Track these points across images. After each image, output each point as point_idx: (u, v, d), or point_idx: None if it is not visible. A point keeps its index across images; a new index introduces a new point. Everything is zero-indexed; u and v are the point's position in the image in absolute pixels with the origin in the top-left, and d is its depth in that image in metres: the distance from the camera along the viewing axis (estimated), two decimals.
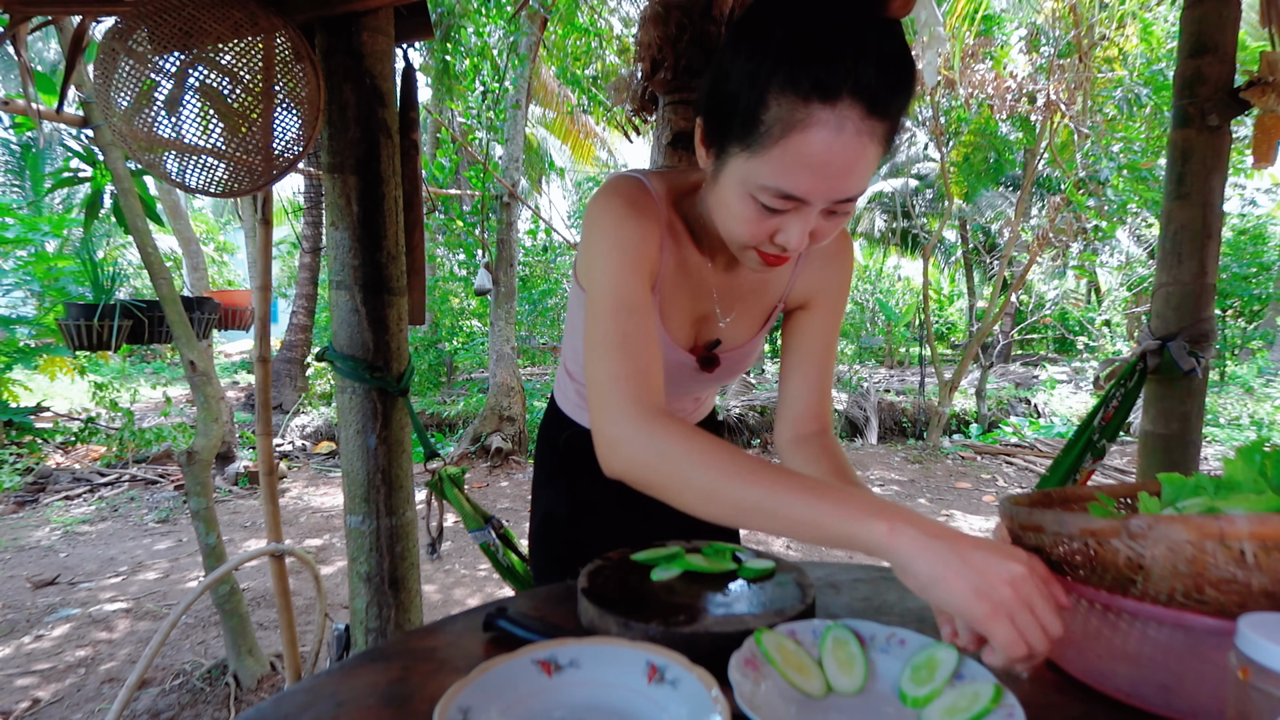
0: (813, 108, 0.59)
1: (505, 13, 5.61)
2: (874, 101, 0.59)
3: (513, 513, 4.35)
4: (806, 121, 0.59)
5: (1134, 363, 1.67)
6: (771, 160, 0.62)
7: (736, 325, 0.92)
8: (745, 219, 0.68)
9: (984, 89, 5.61)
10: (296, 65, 1.28)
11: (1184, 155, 1.63)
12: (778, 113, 0.60)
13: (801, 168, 0.61)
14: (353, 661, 0.66)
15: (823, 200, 0.64)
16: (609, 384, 0.68)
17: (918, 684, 0.58)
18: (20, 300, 6.80)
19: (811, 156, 0.61)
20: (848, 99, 0.58)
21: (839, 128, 0.59)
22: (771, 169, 0.63)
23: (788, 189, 0.63)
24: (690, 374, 0.93)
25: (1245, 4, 1.69)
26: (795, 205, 0.65)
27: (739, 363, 0.95)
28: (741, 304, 0.90)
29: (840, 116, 0.59)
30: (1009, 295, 6.94)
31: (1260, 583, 0.49)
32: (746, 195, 0.66)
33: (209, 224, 14.73)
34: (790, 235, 0.67)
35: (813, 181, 0.62)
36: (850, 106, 0.59)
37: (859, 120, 0.59)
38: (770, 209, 0.66)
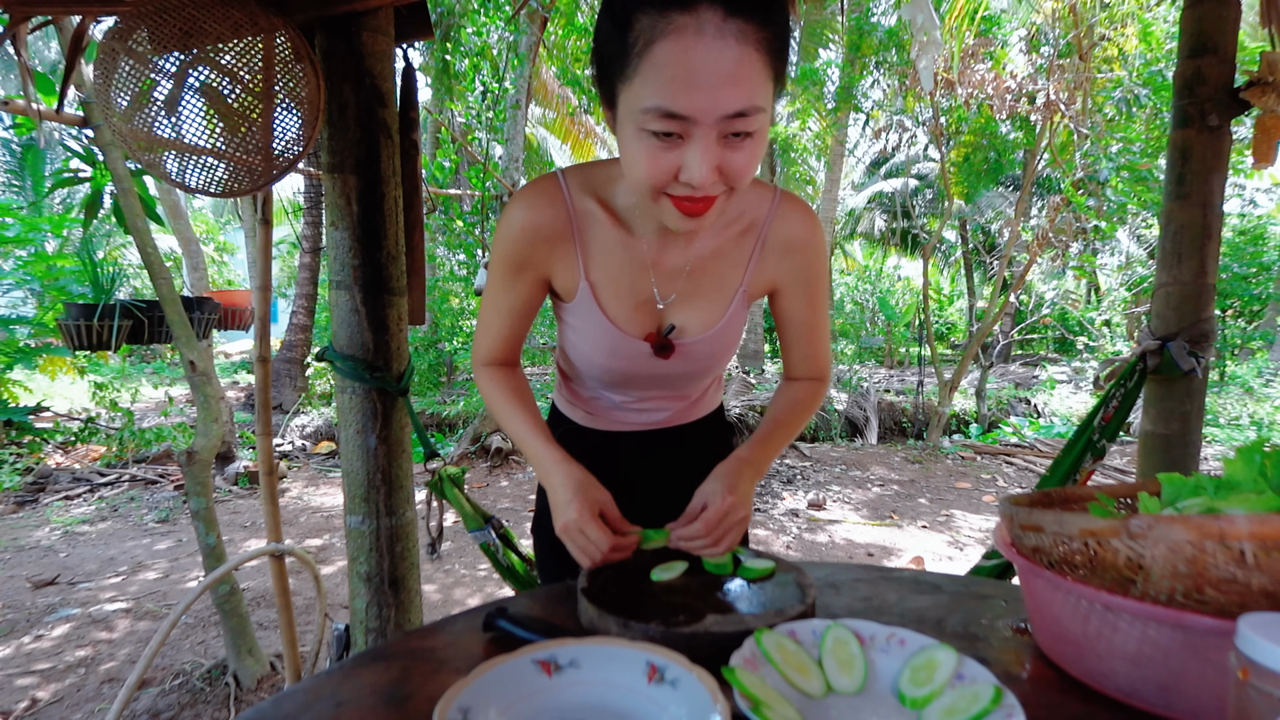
0: (671, 15, 0.60)
1: (505, 13, 5.61)
2: (731, 2, 0.59)
3: (513, 513, 4.35)
4: (666, 29, 0.60)
5: (1134, 363, 1.67)
6: (645, 78, 0.62)
7: (692, 311, 0.90)
8: (643, 157, 0.67)
9: (984, 89, 5.61)
10: (296, 65, 1.28)
11: (1184, 155, 1.63)
12: (640, 29, 0.61)
13: (673, 78, 0.61)
14: (353, 661, 0.66)
15: (708, 116, 0.62)
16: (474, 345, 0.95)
17: (917, 685, 0.58)
18: (20, 300, 6.80)
19: (677, 65, 0.60)
20: (704, 3, 0.59)
21: (699, 30, 0.59)
22: (647, 88, 0.63)
23: (667, 105, 0.62)
24: (647, 361, 0.92)
25: (1245, 4, 1.69)
26: (683, 128, 0.64)
27: (706, 353, 0.94)
28: (692, 287, 0.89)
29: (699, 20, 0.59)
30: (1009, 295, 6.95)
31: (1260, 583, 0.49)
32: (638, 130, 0.65)
33: (209, 224, 14.73)
34: (692, 168, 0.65)
35: (689, 94, 0.61)
36: (708, 9, 0.59)
37: (720, 22, 0.59)
38: (661, 136, 0.65)
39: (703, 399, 1.13)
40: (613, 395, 1.05)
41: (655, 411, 1.08)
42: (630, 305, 0.89)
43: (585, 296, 0.88)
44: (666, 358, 0.92)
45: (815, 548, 3.72)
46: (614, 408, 1.08)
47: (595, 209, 0.84)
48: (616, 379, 0.99)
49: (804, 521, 4.27)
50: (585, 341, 0.93)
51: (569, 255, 0.86)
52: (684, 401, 1.09)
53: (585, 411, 1.10)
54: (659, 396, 1.06)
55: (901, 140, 10.36)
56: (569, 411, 1.13)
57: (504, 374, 0.94)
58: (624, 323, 0.89)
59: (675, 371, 0.96)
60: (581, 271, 0.86)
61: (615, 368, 0.95)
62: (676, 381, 1.01)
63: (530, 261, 0.86)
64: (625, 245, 0.85)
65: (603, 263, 0.86)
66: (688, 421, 1.12)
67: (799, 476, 5.39)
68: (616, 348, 0.91)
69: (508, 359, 0.95)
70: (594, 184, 0.85)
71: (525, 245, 0.84)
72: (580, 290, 0.88)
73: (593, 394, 1.07)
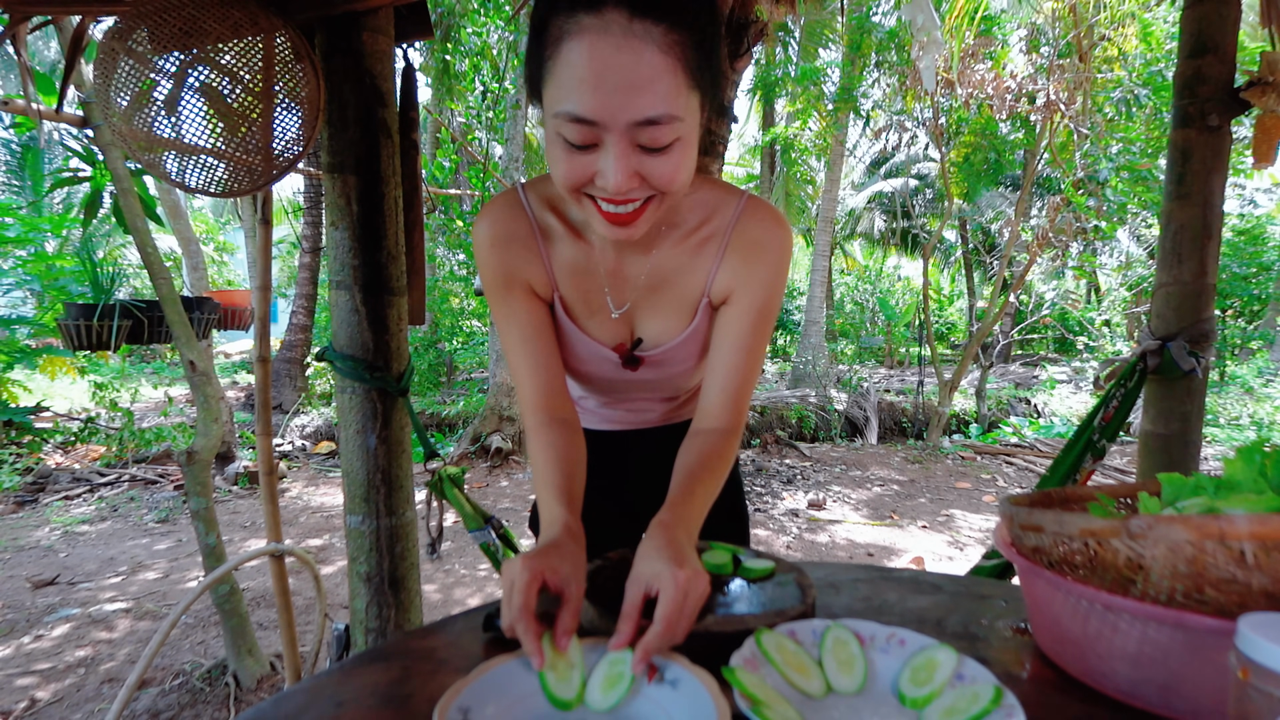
0: (578, 16, 0.59)
1: (505, 13, 5.61)
2: (638, 3, 0.58)
3: (513, 513, 4.35)
4: (573, 30, 0.59)
5: (1134, 363, 1.67)
6: (555, 81, 0.62)
7: (655, 321, 0.89)
8: (560, 161, 0.66)
9: (984, 89, 5.61)
10: (296, 65, 1.28)
11: (1184, 155, 1.63)
12: (552, 32, 0.61)
13: (578, 80, 0.60)
14: (353, 661, 0.66)
15: (616, 122, 0.61)
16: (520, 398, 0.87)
17: (917, 685, 0.58)
18: (20, 300, 6.80)
19: (581, 66, 0.59)
20: (610, 4, 0.58)
21: (604, 30, 0.58)
22: (557, 91, 0.62)
23: (573, 109, 0.61)
24: (616, 370, 0.92)
25: (1245, 4, 1.69)
26: (595, 134, 0.62)
27: (676, 360, 0.92)
28: (653, 297, 0.87)
29: (605, 20, 0.58)
30: (1009, 295, 6.95)
31: (1260, 583, 0.49)
32: (554, 135, 0.65)
33: (209, 224, 14.74)
34: (605, 174, 0.64)
35: (593, 96, 0.59)
36: (614, 10, 0.58)
37: (625, 23, 0.58)
38: (575, 145, 0.63)
39: (693, 400, 1.10)
40: (600, 397, 1.07)
41: (644, 412, 1.09)
42: (597, 316, 0.89)
43: (558, 308, 0.88)
44: (634, 369, 0.92)
45: (815, 548, 3.72)
46: (601, 407, 1.09)
47: (554, 221, 0.84)
48: (596, 383, 1.00)
49: (804, 521, 4.27)
50: (564, 349, 0.93)
51: (539, 268, 0.85)
52: (673, 402, 1.09)
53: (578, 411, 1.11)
54: (644, 399, 1.06)
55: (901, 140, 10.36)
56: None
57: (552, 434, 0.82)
58: (595, 332, 0.90)
59: (648, 379, 0.95)
60: (553, 284, 0.86)
61: (591, 374, 0.96)
62: (656, 386, 1.00)
63: (511, 273, 0.84)
64: (584, 256, 0.85)
65: (567, 275, 0.86)
66: (681, 420, 1.12)
67: (799, 476, 5.39)
68: (589, 356, 0.92)
69: (557, 403, 0.85)
70: (552, 196, 0.84)
71: (501, 258, 0.83)
72: (555, 302, 0.88)
73: (582, 395, 1.08)
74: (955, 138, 7.40)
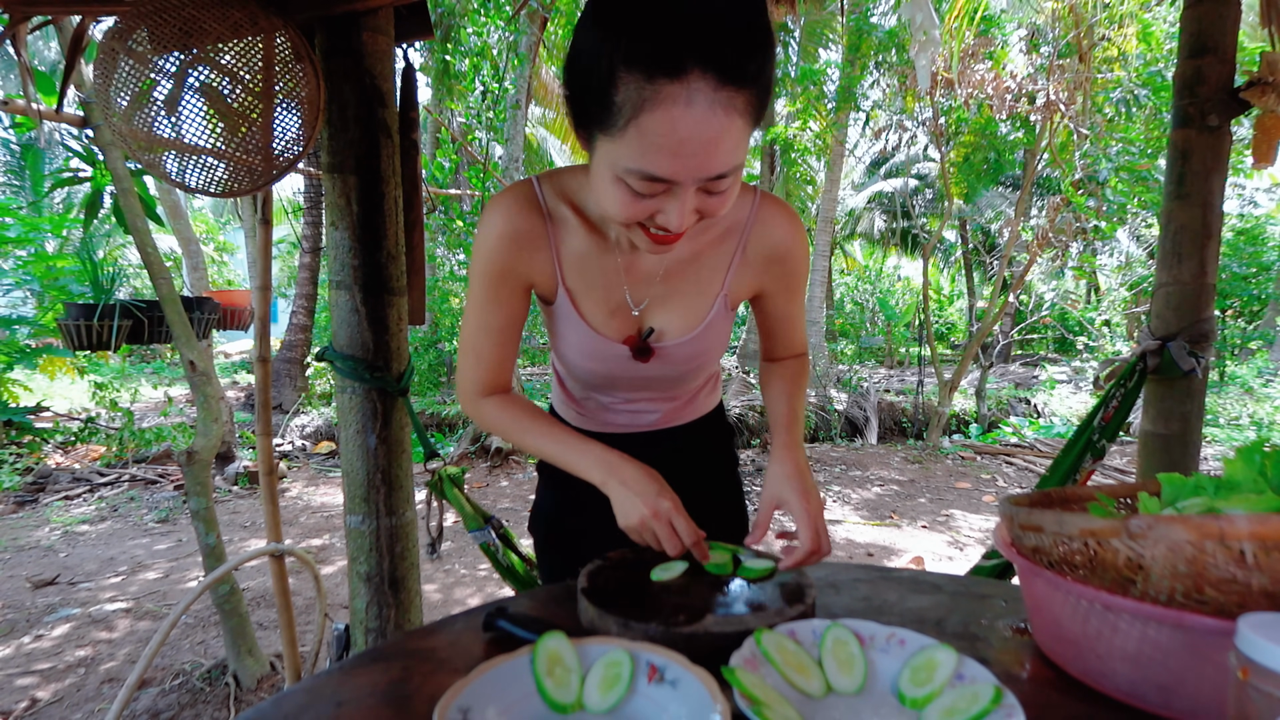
0: (660, 85, 0.57)
1: (505, 13, 5.61)
2: (724, 70, 0.57)
3: (513, 513, 4.35)
4: (655, 100, 0.57)
5: (1134, 363, 1.67)
6: (630, 143, 0.61)
7: (671, 314, 0.90)
8: (620, 202, 0.66)
9: (983, 89, 5.61)
10: (296, 65, 1.28)
11: (1184, 155, 1.63)
12: (627, 94, 0.58)
13: (660, 149, 0.60)
14: (353, 661, 0.66)
15: (691, 180, 0.62)
16: (461, 379, 0.92)
17: (916, 685, 0.58)
18: (20, 300, 6.80)
19: (666, 136, 0.59)
20: (695, 71, 0.56)
21: (689, 102, 0.57)
22: (631, 152, 0.61)
23: (650, 171, 0.61)
24: (625, 364, 0.92)
25: (1245, 4, 1.69)
26: (665, 187, 0.63)
27: (688, 356, 0.93)
28: (671, 290, 0.88)
29: (690, 90, 0.57)
30: (1009, 295, 6.95)
31: (1260, 583, 0.49)
32: (616, 179, 0.65)
33: (209, 224, 14.74)
34: (670, 217, 0.66)
35: (674, 161, 0.60)
36: (699, 79, 0.56)
37: (711, 92, 0.57)
38: (641, 193, 0.64)
39: (695, 400, 1.11)
40: (600, 396, 1.05)
41: (645, 413, 1.08)
42: (607, 310, 0.89)
43: (564, 302, 0.88)
44: (645, 361, 0.92)
45: None
46: (603, 409, 1.08)
47: (569, 215, 0.84)
48: (600, 381, 0.99)
49: None
50: (567, 345, 0.93)
51: (547, 261, 0.85)
52: (674, 403, 1.09)
53: (577, 412, 1.10)
54: (646, 398, 1.06)
55: (901, 140, 10.36)
56: (563, 411, 1.13)
57: (510, 400, 0.91)
58: (602, 327, 0.89)
59: (657, 374, 0.95)
60: (559, 278, 0.86)
61: (597, 370, 0.95)
62: (661, 384, 1.00)
63: (511, 270, 0.84)
64: (599, 250, 0.85)
65: (578, 268, 0.86)
66: (681, 423, 1.12)
67: None
68: (596, 351, 0.91)
69: (503, 385, 0.92)
70: (568, 190, 0.84)
71: (505, 253, 0.83)
72: (559, 296, 0.88)
73: (583, 395, 1.07)
74: (955, 138, 7.40)
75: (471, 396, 0.91)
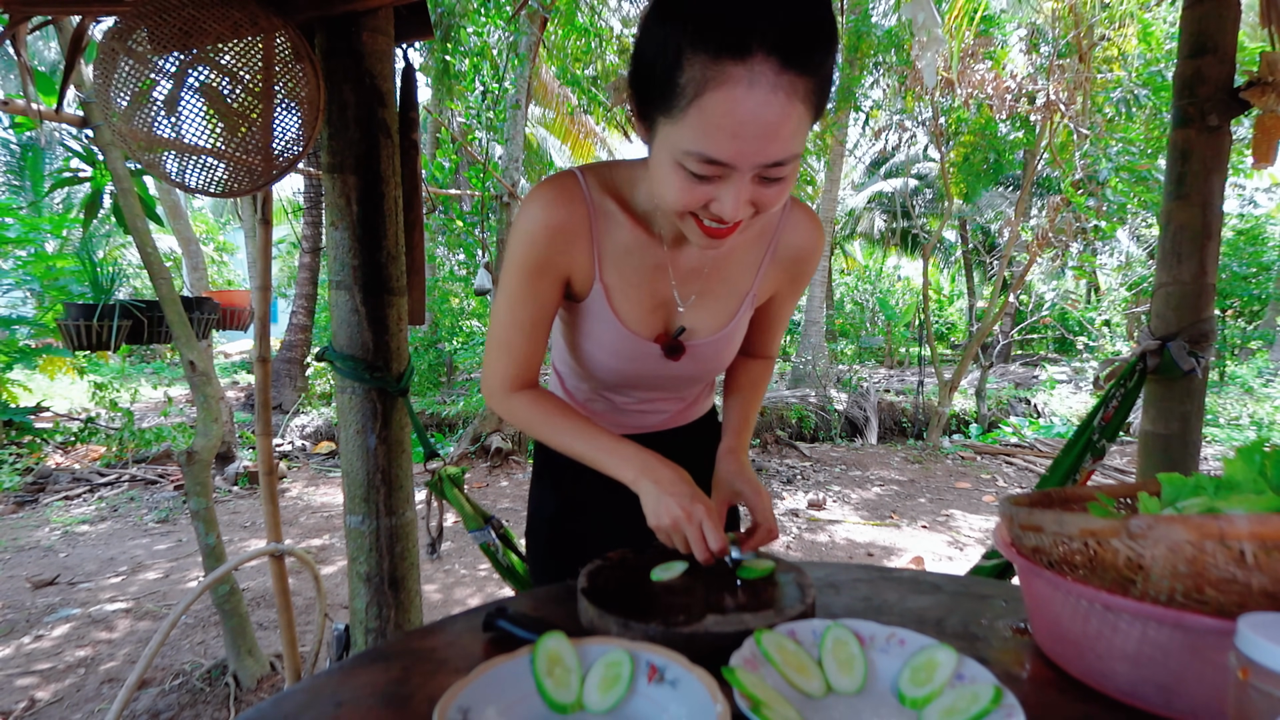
0: (724, 65, 0.57)
1: (505, 13, 5.60)
2: (788, 55, 0.57)
3: (513, 513, 4.35)
4: (719, 80, 0.58)
5: (1134, 363, 1.67)
6: (691, 124, 0.61)
7: (702, 312, 0.90)
8: (677, 188, 0.66)
9: (983, 89, 5.61)
10: (296, 65, 1.28)
11: (1184, 155, 1.63)
12: (691, 74, 0.59)
13: (719, 129, 0.60)
14: (352, 661, 0.66)
15: (749, 165, 0.62)
16: (488, 372, 0.90)
17: (916, 685, 0.58)
18: (20, 300, 6.80)
19: (728, 116, 0.59)
20: (759, 54, 0.57)
21: (752, 83, 0.57)
22: (692, 133, 0.61)
23: (710, 153, 0.61)
24: (656, 363, 0.92)
25: (1245, 4, 1.69)
26: (723, 171, 0.63)
27: (713, 355, 0.94)
28: (705, 287, 0.88)
29: (753, 72, 0.57)
30: (1009, 295, 6.95)
31: (1260, 583, 0.49)
32: (675, 164, 0.65)
33: (209, 224, 14.74)
34: (725, 205, 0.65)
35: (734, 144, 0.60)
36: (763, 61, 0.57)
37: (774, 75, 0.57)
38: (700, 176, 0.64)
39: (698, 401, 1.13)
40: (614, 397, 1.05)
41: (653, 414, 1.08)
42: (644, 307, 0.88)
43: (598, 297, 0.87)
44: (677, 359, 0.91)
45: (815, 548, 3.72)
46: (611, 410, 1.07)
47: (614, 209, 0.83)
48: (621, 380, 0.98)
49: (804, 521, 4.27)
50: (593, 342, 0.92)
51: (585, 255, 0.84)
52: (682, 403, 1.09)
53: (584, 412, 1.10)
54: (660, 399, 1.06)
55: (901, 140, 10.36)
56: None
57: (539, 395, 0.90)
58: (634, 324, 0.89)
59: (682, 373, 0.95)
60: (596, 273, 0.85)
61: (621, 369, 0.94)
62: (680, 383, 1.01)
63: (552, 263, 0.83)
64: (643, 247, 0.84)
65: (618, 264, 0.85)
66: (682, 424, 1.12)
67: (799, 476, 5.39)
68: (625, 349, 0.91)
69: (532, 380, 0.91)
70: (614, 184, 0.84)
71: (547, 245, 0.81)
72: (593, 291, 0.87)
73: (589, 397, 1.06)
74: (955, 138, 7.40)
75: (500, 391, 0.90)
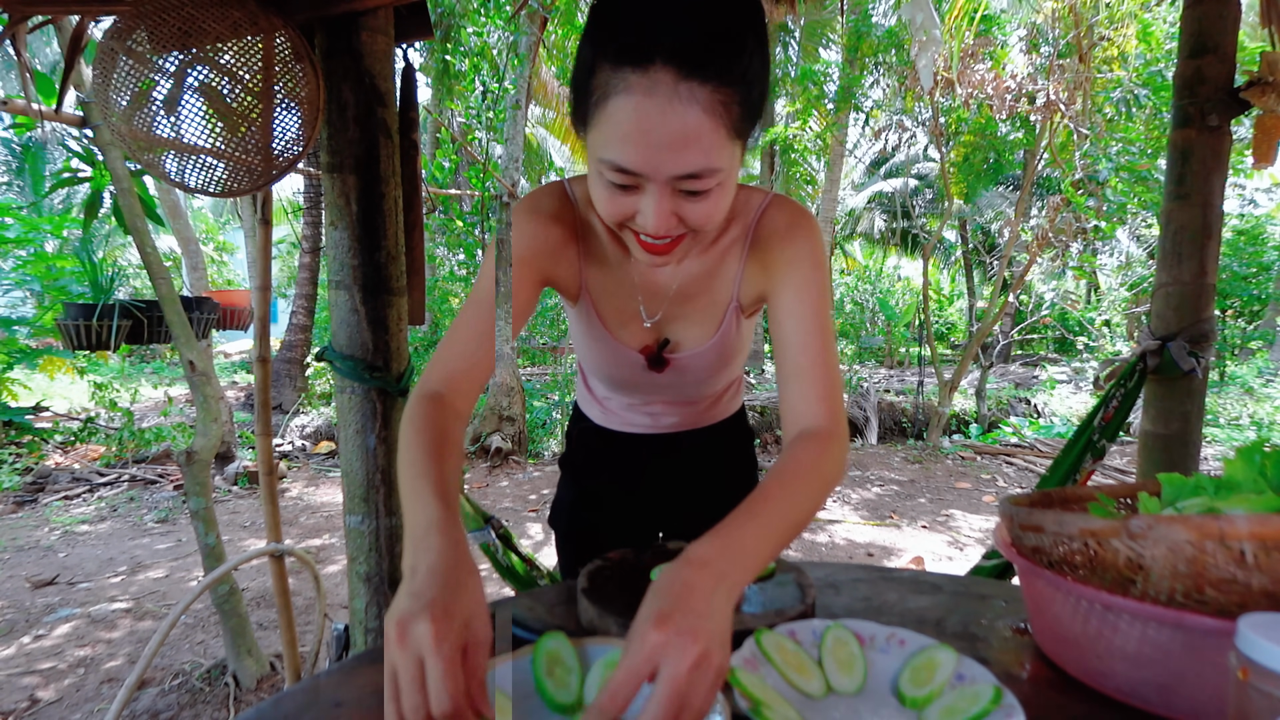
0: (624, 73, 0.58)
1: (505, 13, 5.61)
2: (686, 64, 0.57)
3: (512, 513, 4.35)
4: (620, 87, 0.58)
5: (1134, 363, 1.67)
6: (601, 130, 0.62)
7: (686, 326, 0.90)
8: (603, 198, 0.67)
9: (983, 89, 5.61)
10: (296, 65, 1.28)
11: (1184, 155, 1.63)
12: (598, 81, 0.60)
13: (624, 136, 0.60)
14: (352, 662, 0.66)
15: (660, 174, 0.62)
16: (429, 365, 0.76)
17: (917, 685, 0.58)
18: (20, 300, 6.80)
19: (629, 123, 0.59)
20: (658, 62, 0.57)
21: (649, 91, 0.57)
22: (603, 139, 0.62)
23: (617, 160, 0.61)
24: (640, 373, 0.93)
25: (1245, 4, 1.69)
26: (636, 181, 0.63)
27: (703, 367, 0.93)
28: (679, 303, 0.88)
29: (652, 80, 0.57)
30: (1009, 295, 6.95)
31: (1260, 583, 0.49)
32: (597, 173, 0.65)
33: (209, 224, 14.74)
34: (645, 216, 0.65)
35: (637, 151, 0.60)
36: (661, 69, 0.57)
37: (672, 83, 0.57)
38: (619, 186, 0.64)
39: (717, 404, 1.11)
40: (622, 396, 1.06)
41: (663, 416, 1.09)
42: (626, 316, 0.89)
43: (586, 306, 0.88)
44: (660, 371, 0.92)
45: (815, 548, 3.72)
46: (625, 409, 1.09)
47: (595, 222, 0.84)
48: (619, 384, 1.00)
49: None
50: (586, 348, 0.94)
51: (572, 263, 0.85)
52: (694, 408, 1.09)
53: (601, 410, 1.12)
54: (664, 402, 1.06)
55: (901, 140, 10.36)
56: (587, 408, 1.15)
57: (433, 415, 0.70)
58: (620, 333, 0.90)
59: (672, 382, 0.96)
60: (582, 281, 0.87)
61: (615, 375, 0.96)
62: (678, 390, 1.01)
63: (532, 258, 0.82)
64: (618, 262, 0.85)
65: (599, 276, 0.86)
66: (702, 426, 1.12)
67: None
68: (613, 358, 0.92)
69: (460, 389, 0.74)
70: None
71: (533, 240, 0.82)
72: (581, 299, 0.88)
73: (606, 395, 1.09)
74: (955, 138, 7.40)
75: (422, 388, 0.74)
